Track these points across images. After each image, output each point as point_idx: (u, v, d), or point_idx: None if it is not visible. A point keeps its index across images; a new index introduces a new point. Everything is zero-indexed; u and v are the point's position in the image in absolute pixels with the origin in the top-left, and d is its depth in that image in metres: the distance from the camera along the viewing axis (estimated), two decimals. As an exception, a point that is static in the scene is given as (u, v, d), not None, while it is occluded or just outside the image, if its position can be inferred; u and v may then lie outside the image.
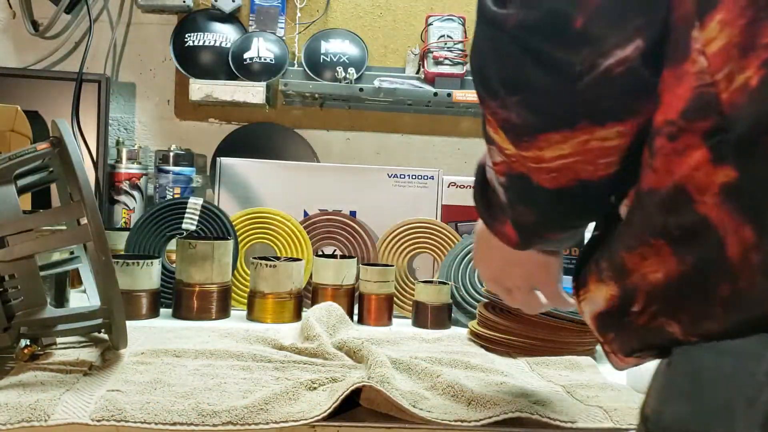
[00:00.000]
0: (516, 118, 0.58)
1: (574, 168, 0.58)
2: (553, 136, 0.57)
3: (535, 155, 0.58)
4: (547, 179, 0.60)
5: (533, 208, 0.64)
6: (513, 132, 0.59)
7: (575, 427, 0.73)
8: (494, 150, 0.63)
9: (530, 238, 0.69)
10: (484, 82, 0.60)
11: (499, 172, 0.64)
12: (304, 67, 1.79)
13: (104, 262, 0.81)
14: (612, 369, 0.83)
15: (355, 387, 0.75)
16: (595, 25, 0.53)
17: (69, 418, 0.69)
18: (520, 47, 0.56)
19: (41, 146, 0.87)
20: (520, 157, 0.60)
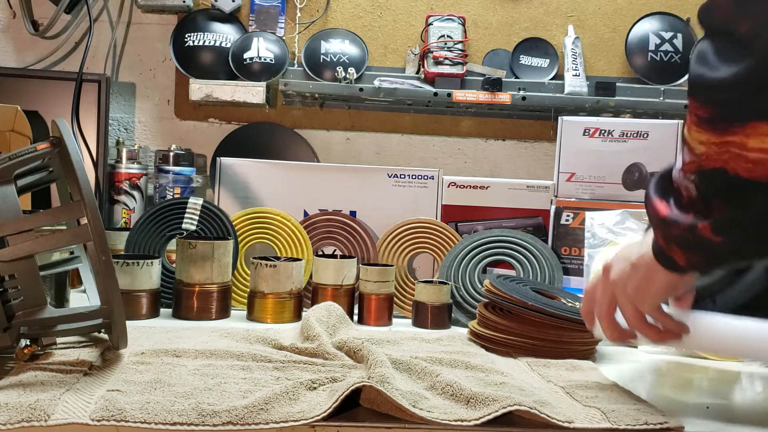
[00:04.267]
0: (727, 105, 0.63)
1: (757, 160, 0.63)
2: (761, 126, 0.61)
3: (740, 140, 0.63)
4: (745, 169, 0.64)
5: (723, 201, 0.68)
6: (721, 119, 0.63)
7: (573, 427, 0.73)
8: (687, 150, 0.69)
9: (725, 231, 0.69)
10: (704, 71, 0.65)
11: (690, 170, 0.69)
12: (304, 67, 1.79)
13: (104, 262, 0.81)
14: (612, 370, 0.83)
15: (355, 387, 0.75)
16: None
17: (69, 418, 0.69)
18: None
19: (41, 146, 0.87)
20: (721, 146, 0.64)
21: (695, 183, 0.69)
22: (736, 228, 0.69)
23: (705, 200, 0.69)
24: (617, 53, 1.89)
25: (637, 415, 0.76)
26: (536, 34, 1.88)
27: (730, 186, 0.66)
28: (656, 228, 0.75)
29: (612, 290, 0.83)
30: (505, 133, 1.92)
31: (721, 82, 0.62)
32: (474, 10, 1.89)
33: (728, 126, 0.63)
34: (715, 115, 0.64)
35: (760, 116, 0.61)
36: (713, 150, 0.65)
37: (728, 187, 0.66)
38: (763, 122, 0.62)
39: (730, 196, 0.67)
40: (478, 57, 1.87)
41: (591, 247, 1.33)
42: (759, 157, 0.63)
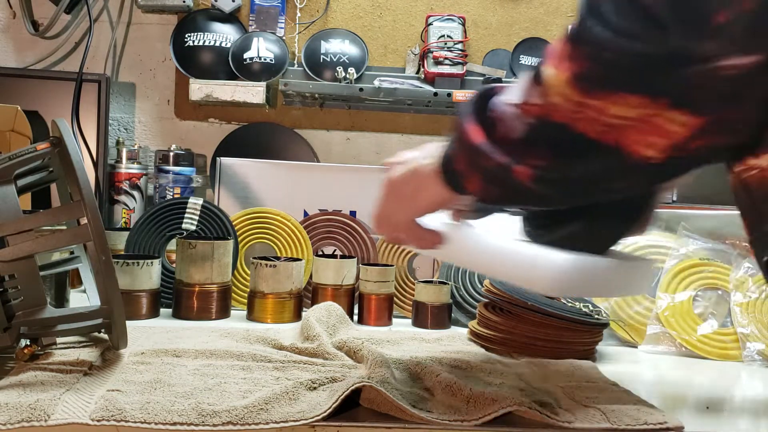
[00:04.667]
0: (604, 68, 0.59)
1: (624, 132, 0.61)
2: (631, 98, 0.59)
3: (600, 106, 0.60)
4: (594, 130, 0.62)
5: (553, 153, 0.65)
6: (592, 82, 0.60)
7: (572, 427, 0.73)
8: (536, 91, 0.64)
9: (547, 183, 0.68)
10: (594, 24, 0.60)
11: (529, 113, 0.65)
12: (304, 67, 1.79)
13: (104, 262, 0.81)
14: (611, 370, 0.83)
15: (355, 387, 0.75)
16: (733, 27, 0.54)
17: (69, 418, 0.69)
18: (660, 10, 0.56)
19: (41, 146, 0.87)
20: (578, 106, 0.61)
21: (529, 126, 0.65)
22: (559, 182, 0.67)
23: (528, 146, 0.66)
24: (617, 53, 1.89)
25: (636, 415, 0.76)
26: (536, 34, 1.88)
27: (570, 142, 0.64)
28: (462, 151, 0.71)
29: (387, 189, 0.81)
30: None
31: (618, 47, 0.58)
32: (474, 10, 1.89)
33: (597, 90, 0.60)
34: (590, 75, 0.60)
35: (637, 89, 0.59)
36: (568, 106, 0.62)
37: (567, 142, 0.64)
38: (635, 95, 0.59)
39: (565, 152, 0.65)
40: (478, 57, 1.87)
41: (591, 247, 1.32)
42: (618, 123, 0.61)
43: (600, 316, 1.09)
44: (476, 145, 0.69)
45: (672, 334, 1.14)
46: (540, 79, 0.64)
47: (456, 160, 0.72)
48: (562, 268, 0.76)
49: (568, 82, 0.62)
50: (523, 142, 0.66)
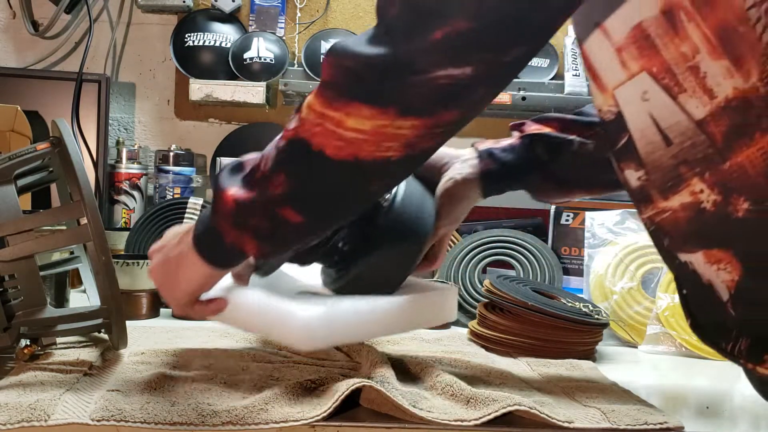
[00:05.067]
0: (343, 77, 0.65)
1: (359, 146, 0.65)
2: (364, 108, 0.64)
3: (338, 117, 0.65)
4: (332, 146, 0.66)
5: (292, 170, 0.68)
6: (334, 91, 0.66)
7: (572, 427, 0.73)
8: (295, 118, 0.69)
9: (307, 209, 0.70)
10: (345, 38, 0.69)
11: (284, 137, 0.69)
12: (304, 67, 1.79)
13: (104, 262, 0.81)
14: (611, 370, 0.83)
15: (355, 387, 0.75)
16: (446, 43, 0.61)
17: (69, 418, 0.69)
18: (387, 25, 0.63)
19: (41, 146, 0.87)
20: (319, 117, 0.66)
21: (279, 150, 0.69)
22: (314, 205, 0.70)
23: (272, 174, 0.69)
24: (617, 53, 1.88)
25: (637, 415, 0.76)
26: (536, 34, 1.87)
27: (306, 160, 0.67)
28: (227, 219, 0.72)
29: (154, 280, 0.83)
30: (506, 133, 1.92)
31: (357, 55, 0.64)
32: (474, 10, 1.89)
33: (337, 98, 0.65)
34: (333, 83, 0.66)
35: (370, 100, 0.63)
36: (310, 117, 0.67)
37: (303, 160, 0.67)
38: (366, 105, 0.64)
39: (302, 170, 0.68)
40: (478, 57, 1.87)
41: (591, 247, 1.33)
42: (353, 137, 0.65)
43: (600, 316, 1.09)
44: (238, 204, 0.71)
45: (672, 334, 1.14)
46: (301, 107, 0.69)
47: (223, 232, 0.73)
48: (308, 322, 0.76)
49: (316, 93, 0.67)
50: (268, 172, 0.69)
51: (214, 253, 0.76)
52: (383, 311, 0.83)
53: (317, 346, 0.76)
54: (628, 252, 1.26)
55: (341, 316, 0.79)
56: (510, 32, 0.62)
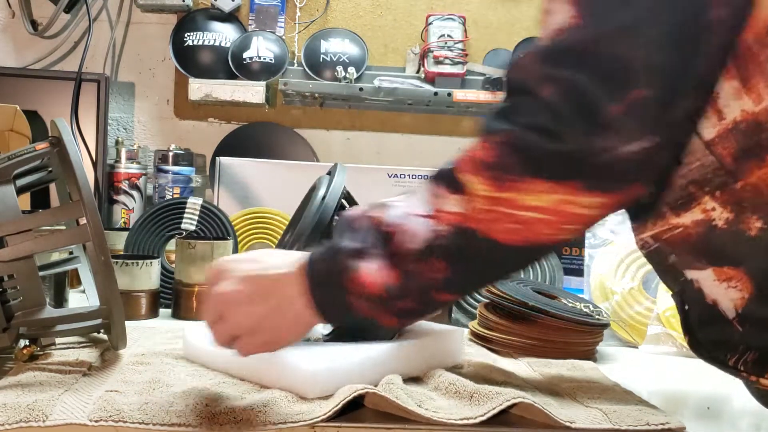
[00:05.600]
0: (509, 155, 0.61)
1: (536, 226, 0.62)
2: (543, 183, 0.60)
3: (511, 197, 0.61)
4: (503, 231, 0.62)
5: (458, 262, 0.65)
6: (499, 169, 0.62)
7: (574, 428, 0.73)
8: (454, 199, 0.64)
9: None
10: (500, 119, 0.63)
11: (443, 220, 0.65)
12: (303, 67, 1.79)
13: (103, 262, 0.81)
14: (612, 370, 0.82)
15: (358, 394, 0.74)
16: (627, 118, 0.58)
17: (67, 419, 0.69)
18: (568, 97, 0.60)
19: (40, 146, 0.87)
20: (490, 203, 0.62)
21: (438, 235, 0.64)
22: (473, 287, 0.70)
23: (430, 258, 0.65)
24: (617, 53, 1.88)
25: (638, 415, 0.75)
26: (537, 34, 1.87)
27: (474, 249, 0.64)
28: (368, 301, 0.67)
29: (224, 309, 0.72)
30: (506, 132, 1.92)
31: (524, 140, 0.61)
32: (474, 10, 1.88)
33: (508, 176, 0.61)
34: (501, 163, 0.62)
35: (549, 175, 0.60)
36: (479, 204, 0.63)
37: (469, 249, 0.64)
38: (547, 181, 0.61)
39: (468, 258, 0.65)
40: (479, 56, 1.87)
41: (591, 247, 1.32)
42: (529, 217, 0.61)
43: (601, 317, 1.09)
44: (382, 295, 0.66)
45: (673, 334, 1.14)
46: (458, 186, 0.64)
47: (356, 309, 0.68)
48: (314, 374, 0.76)
49: (480, 176, 0.63)
50: (430, 257, 0.65)
51: (336, 317, 0.72)
52: (386, 358, 0.83)
53: (323, 394, 0.76)
54: (629, 252, 1.26)
55: (345, 365, 0.79)
56: (681, 90, 0.59)
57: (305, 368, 0.77)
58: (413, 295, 0.67)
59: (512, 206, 0.62)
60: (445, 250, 0.64)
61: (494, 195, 0.62)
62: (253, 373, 0.83)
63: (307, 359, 0.78)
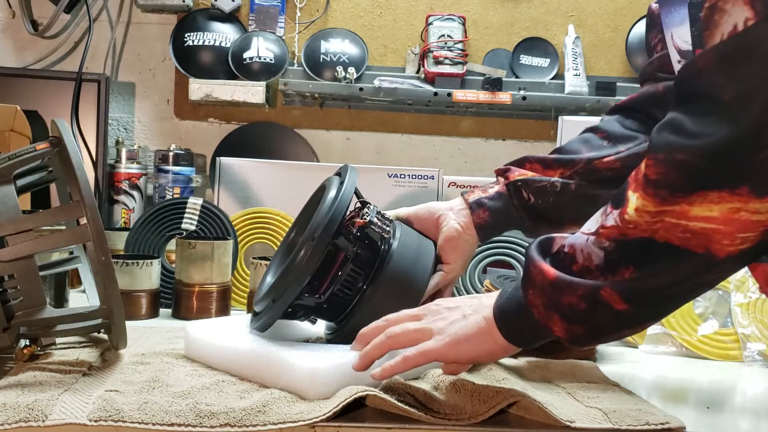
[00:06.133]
0: (678, 171, 0.60)
1: (709, 236, 0.61)
2: (711, 194, 0.59)
3: (680, 210, 0.61)
4: (676, 237, 0.62)
5: (638, 268, 0.65)
6: (668, 188, 0.61)
7: (574, 427, 0.73)
8: (613, 214, 0.65)
9: (637, 299, 0.67)
10: (665, 131, 0.62)
11: (604, 236, 0.66)
12: (303, 67, 1.79)
13: (104, 262, 0.81)
14: (612, 370, 0.82)
15: (358, 396, 0.74)
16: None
17: (66, 419, 0.69)
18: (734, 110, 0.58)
19: (40, 146, 0.87)
20: (656, 216, 0.62)
21: (607, 250, 0.66)
22: (648, 296, 0.66)
23: (612, 268, 0.66)
24: (618, 53, 1.89)
25: (638, 415, 0.75)
26: (536, 34, 1.88)
27: (654, 253, 0.64)
28: (536, 292, 0.70)
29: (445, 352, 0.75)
30: (506, 133, 1.92)
31: (690, 147, 0.59)
32: (474, 10, 1.89)
33: (674, 193, 0.61)
34: (666, 181, 0.61)
35: (716, 185, 0.59)
36: (644, 219, 0.63)
37: (651, 255, 0.64)
38: (715, 191, 0.59)
39: (650, 264, 0.65)
40: (479, 57, 1.87)
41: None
42: (701, 227, 0.61)
43: (600, 317, 1.09)
44: (554, 281, 0.68)
45: (672, 334, 1.14)
46: (621, 203, 0.65)
47: (531, 305, 0.70)
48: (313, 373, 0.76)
49: (643, 193, 0.63)
50: (600, 267, 0.66)
51: (515, 331, 0.74)
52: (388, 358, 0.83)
53: (323, 395, 0.76)
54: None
55: (345, 365, 0.79)
56: None
57: (305, 367, 0.77)
58: (580, 286, 0.67)
59: (680, 217, 0.61)
60: (621, 259, 0.65)
61: (661, 209, 0.62)
62: (253, 371, 0.83)
63: (306, 358, 0.78)
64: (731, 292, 1.17)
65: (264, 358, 0.81)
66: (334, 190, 0.87)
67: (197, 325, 0.94)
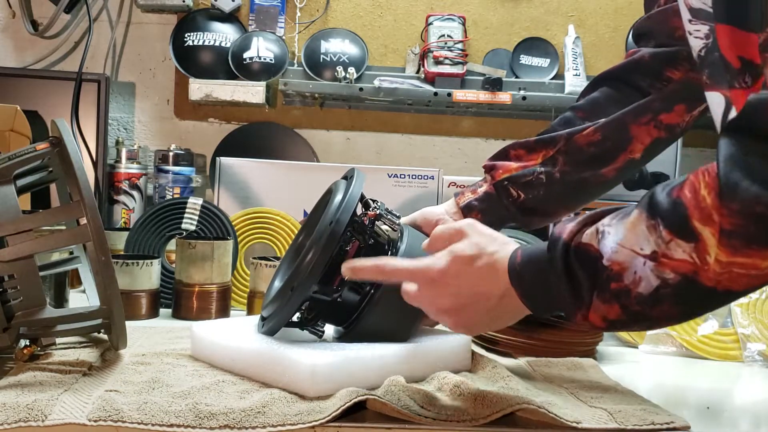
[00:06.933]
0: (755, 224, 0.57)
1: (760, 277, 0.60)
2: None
3: (752, 263, 0.59)
4: (739, 285, 0.60)
5: (683, 310, 0.65)
6: (743, 239, 0.58)
7: (581, 428, 0.73)
8: (681, 246, 0.62)
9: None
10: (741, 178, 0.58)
11: (670, 268, 0.63)
12: (303, 67, 1.79)
13: (104, 263, 0.81)
14: (612, 370, 0.82)
15: (359, 400, 0.74)
16: None
17: (66, 419, 0.69)
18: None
19: (41, 146, 0.87)
20: (726, 266, 0.60)
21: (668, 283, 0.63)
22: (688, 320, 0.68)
23: (655, 302, 0.64)
24: (618, 53, 1.89)
25: (643, 415, 0.75)
26: (537, 34, 1.88)
27: (710, 300, 0.63)
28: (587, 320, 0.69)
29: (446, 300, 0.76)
30: (506, 133, 1.92)
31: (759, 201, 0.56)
32: (474, 10, 1.89)
33: (748, 248, 0.58)
34: (741, 233, 0.58)
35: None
36: (715, 268, 0.60)
37: (706, 300, 0.63)
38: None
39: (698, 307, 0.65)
40: (479, 57, 1.87)
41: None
42: (764, 274, 0.59)
43: (600, 317, 1.09)
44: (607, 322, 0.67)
45: (672, 334, 1.14)
46: (690, 236, 0.61)
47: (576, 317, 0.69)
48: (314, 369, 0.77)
49: (717, 243, 0.59)
50: (648, 298, 0.64)
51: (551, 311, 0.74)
52: (390, 359, 0.83)
53: (323, 392, 0.76)
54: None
55: (347, 364, 0.79)
56: None
57: (306, 363, 0.77)
58: (638, 323, 0.67)
59: (750, 268, 0.59)
60: (673, 297, 0.63)
61: (732, 260, 0.59)
62: (256, 370, 0.83)
63: (308, 355, 0.78)
64: (731, 292, 1.17)
65: (266, 355, 0.81)
66: (342, 194, 0.87)
67: (203, 325, 0.95)
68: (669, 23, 0.93)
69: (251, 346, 0.85)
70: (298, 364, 0.78)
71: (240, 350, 0.86)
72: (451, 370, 0.87)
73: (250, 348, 0.84)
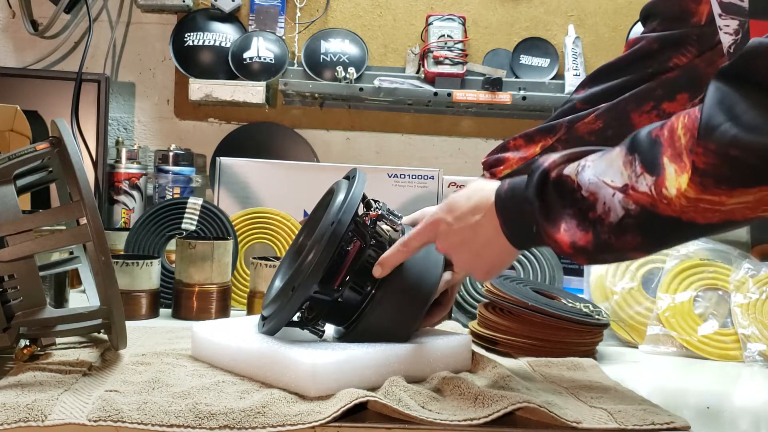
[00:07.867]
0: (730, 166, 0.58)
1: (737, 212, 0.61)
2: (754, 188, 0.59)
3: (718, 200, 0.60)
4: (704, 218, 0.62)
5: (648, 236, 0.66)
6: (714, 179, 0.59)
7: (581, 428, 0.73)
8: (648, 180, 0.64)
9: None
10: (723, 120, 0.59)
11: (633, 200, 0.65)
12: (303, 67, 1.79)
13: (104, 263, 0.81)
14: (611, 370, 0.83)
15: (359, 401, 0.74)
16: None
17: (66, 419, 0.69)
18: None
19: (41, 146, 0.87)
20: (694, 202, 0.61)
21: (630, 214, 0.66)
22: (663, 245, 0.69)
23: (620, 231, 0.67)
24: (618, 53, 1.88)
25: (643, 415, 0.75)
26: (537, 34, 1.87)
27: (672, 230, 0.65)
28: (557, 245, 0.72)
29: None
30: (506, 133, 1.92)
31: (747, 145, 0.57)
32: (474, 10, 1.89)
33: (717, 188, 0.60)
34: (714, 173, 0.59)
35: (764, 182, 0.58)
36: (681, 202, 0.62)
37: (668, 230, 0.65)
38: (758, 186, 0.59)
39: (661, 236, 0.66)
40: (479, 57, 1.87)
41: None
42: (731, 208, 0.61)
43: (600, 317, 1.09)
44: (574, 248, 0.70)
45: (672, 334, 1.14)
46: (656, 170, 0.63)
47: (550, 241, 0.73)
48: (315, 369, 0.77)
49: (688, 180, 0.61)
50: (615, 227, 0.67)
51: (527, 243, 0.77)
52: (390, 359, 0.83)
53: (324, 392, 0.76)
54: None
55: (348, 364, 0.79)
56: None
57: (307, 363, 0.77)
58: (598, 250, 0.69)
59: (716, 204, 0.61)
60: (635, 227, 0.66)
61: (700, 197, 0.61)
62: (257, 370, 0.83)
63: (309, 355, 0.78)
64: (731, 292, 1.17)
65: (267, 355, 0.81)
66: (344, 194, 0.87)
67: (204, 325, 0.95)
68: (681, 4, 0.92)
69: (252, 346, 0.85)
70: (299, 364, 0.78)
71: (240, 350, 0.86)
72: (451, 370, 0.86)
73: (251, 348, 0.84)
